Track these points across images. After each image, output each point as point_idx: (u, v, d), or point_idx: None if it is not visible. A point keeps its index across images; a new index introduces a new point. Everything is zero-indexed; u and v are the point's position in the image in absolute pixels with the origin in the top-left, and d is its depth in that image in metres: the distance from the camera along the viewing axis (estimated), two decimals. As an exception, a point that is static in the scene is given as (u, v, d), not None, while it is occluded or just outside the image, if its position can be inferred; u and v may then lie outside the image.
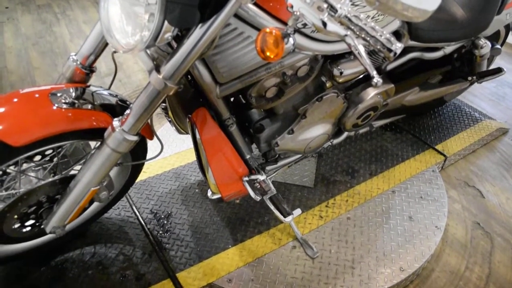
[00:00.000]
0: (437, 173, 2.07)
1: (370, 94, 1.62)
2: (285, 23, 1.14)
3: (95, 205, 1.58)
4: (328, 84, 1.46)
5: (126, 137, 1.13)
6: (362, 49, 0.91)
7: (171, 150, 2.12)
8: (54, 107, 1.13)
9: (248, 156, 1.50)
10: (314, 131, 1.59)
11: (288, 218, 1.49)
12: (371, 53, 1.57)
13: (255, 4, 1.09)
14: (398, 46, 0.89)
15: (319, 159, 2.09)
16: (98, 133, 1.23)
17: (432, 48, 1.80)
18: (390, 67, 1.76)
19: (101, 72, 2.87)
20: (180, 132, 1.60)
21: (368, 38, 0.90)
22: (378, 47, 0.90)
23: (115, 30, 1.03)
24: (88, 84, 1.29)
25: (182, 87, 1.13)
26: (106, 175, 1.26)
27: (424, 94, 1.95)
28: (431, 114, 2.48)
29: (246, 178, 1.44)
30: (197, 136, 1.31)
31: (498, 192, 2.07)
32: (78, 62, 1.25)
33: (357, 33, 0.90)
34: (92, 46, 1.25)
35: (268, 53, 0.93)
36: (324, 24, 0.90)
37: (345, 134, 1.82)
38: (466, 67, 2.02)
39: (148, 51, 1.15)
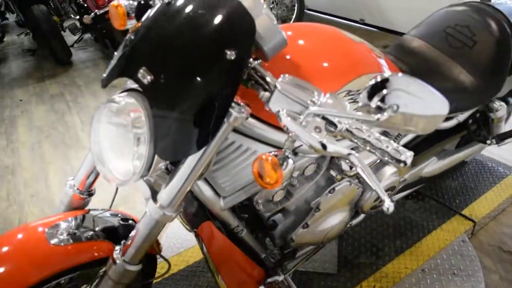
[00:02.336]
0: (468, 242, 1.93)
1: (386, 175, 1.54)
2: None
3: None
4: (338, 177, 1.38)
5: (128, 268, 1.06)
6: (369, 170, 0.84)
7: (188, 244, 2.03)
8: (51, 245, 1.07)
9: (263, 255, 1.42)
10: (331, 221, 1.50)
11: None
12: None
13: (251, 115, 1.04)
14: (408, 156, 0.82)
15: (339, 240, 1.98)
16: (102, 261, 1.16)
17: (445, 118, 1.72)
18: (403, 142, 1.68)
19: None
20: (189, 230, 1.53)
21: (373, 150, 0.83)
22: (386, 158, 0.83)
23: (107, 160, 0.98)
24: (87, 209, 1.24)
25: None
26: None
27: (442, 163, 1.86)
28: (452, 175, 2.36)
29: (262, 287, 1.34)
30: (205, 250, 1.24)
31: (538, 256, 1.91)
32: (76, 188, 1.21)
33: (362, 145, 0.84)
34: (88, 170, 1.21)
35: (267, 180, 0.87)
36: (324, 146, 0.84)
37: (363, 215, 1.72)
38: (483, 130, 1.93)
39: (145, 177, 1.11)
